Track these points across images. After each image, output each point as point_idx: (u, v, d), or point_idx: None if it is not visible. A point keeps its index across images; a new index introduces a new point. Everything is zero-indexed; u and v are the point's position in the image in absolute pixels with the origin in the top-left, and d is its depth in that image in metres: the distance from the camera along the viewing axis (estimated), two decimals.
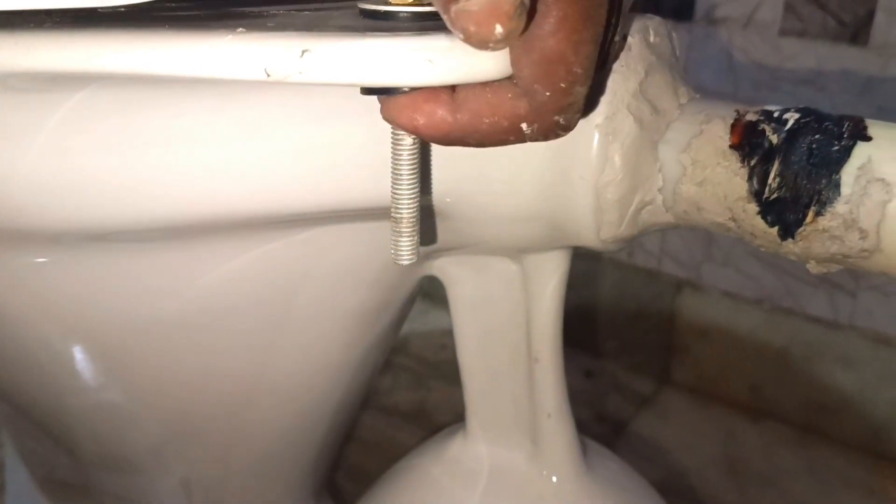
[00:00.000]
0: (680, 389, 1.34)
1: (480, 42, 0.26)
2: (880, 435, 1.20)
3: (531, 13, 0.27)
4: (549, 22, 0.28)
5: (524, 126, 0.30)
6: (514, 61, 0.29)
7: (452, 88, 0.30)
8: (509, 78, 0.30)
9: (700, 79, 1.20)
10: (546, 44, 0.28)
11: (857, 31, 1.08)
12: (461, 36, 0.26)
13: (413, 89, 0.30)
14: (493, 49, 0.27)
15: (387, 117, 0.31)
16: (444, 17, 0.26)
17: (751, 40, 1.16)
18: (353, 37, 0.28)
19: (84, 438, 0.57)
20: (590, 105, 0.37)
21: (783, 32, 1.13)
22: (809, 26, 1.11)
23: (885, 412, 1.20)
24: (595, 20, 0.29)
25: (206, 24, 0.30)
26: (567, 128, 0.31)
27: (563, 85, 0.29)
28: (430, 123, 0.30)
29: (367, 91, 0.31)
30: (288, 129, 0.35)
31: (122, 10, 0.29)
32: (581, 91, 0.30)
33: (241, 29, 0.28)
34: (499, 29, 0.26)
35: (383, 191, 0.36)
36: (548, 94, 0.29)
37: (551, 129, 0.31)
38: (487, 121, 0.30)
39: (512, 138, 0.31)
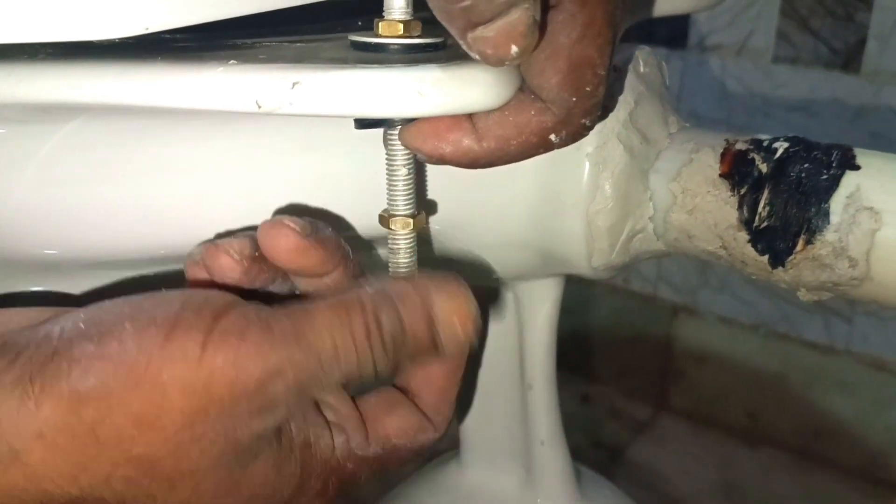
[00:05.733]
0: (676, 415, 1.33)
1: (498, 62, 0.27)
2: (877, 460, 1.20)
3: (547, 22, 0.28)
4: (575, 29, 0.28)
5: (553, 137, 0.31)
6: (538, 72, 0.29)
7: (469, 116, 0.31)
8: (524, 92, 0.30)
9: (693, 106, 1.21)
10: (573, 51, 0.29)
11: (849, 59, 1.09)
12: (478, 58, 0.27)
13: (408, 120, 0.31)
14: (508, 65, 0.28)
15: (410, 144, 0.31)
16: (461, 42, 0.27)
17: (744, 67, 1.17)
18: (344, 68, 0.28)
19: None
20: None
21: (776, 60, 1.14)
22: (802, 54, 1.12)
23: (881, 437, 1.19)
24: (614, 21, 0.30)
25: (199, 57, 0.30)
26: (591, 128, 0.32)
27: (588, 88, 0.30)
28: (457, 151, 0.31)
29: (361, 125, 0.32)
30: (280, 159, 0.36)
31: (116, 41, 0.29)
32: (602, 91, 0.31)
33: (232, 61, 0.29)
34: (514, 49, 0.27)
35: (374, 220, 0.36)
36: (575, 99, 0.30)
37: (579, 133, 0.31)
38: (516, 142, 0.31)
39: (541, 151, 0.31)
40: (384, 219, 0.34)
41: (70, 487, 0.27)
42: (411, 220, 0.34)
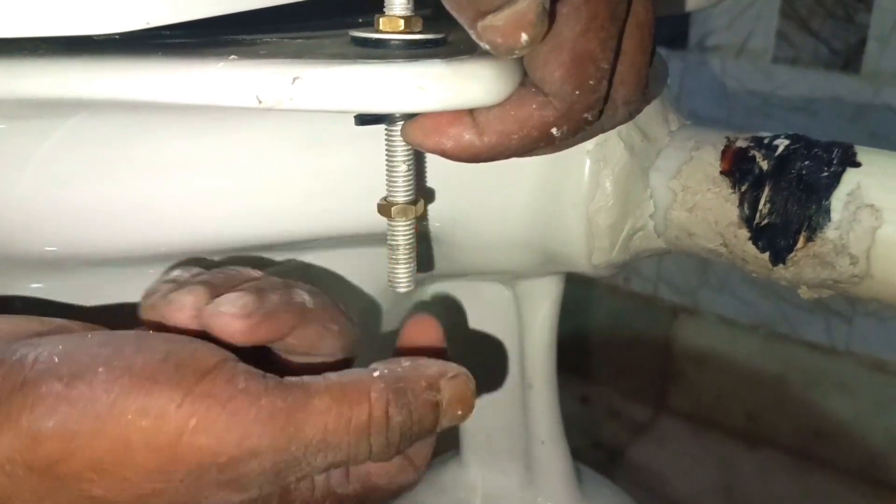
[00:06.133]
0: (676, 416, 1.33)
1: (507, 51, 0.27)
2: (877, 462, 1.20)
3: (552, 15, 0.28)
4: (579, 23, 0.28)
5: (554, 131, 0.31)
6: (541, 65, 0.29)
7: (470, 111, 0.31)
8: (525, 87, 0.30)
9: (693, 106, 1.21)
10: (576, 44, 0.29)
11: (849, 59, 1.09)
12: (487, 47, 0.27)
13: (408, 115, 0.31)
14: (517, 55, 0.28)
15: (411, 140, 0.31)
16: (471, 31, 0.27)
17: (743, 68, 1.17)
18: (344, 64, 0.28)
19: None
20: None
21: (776, 60, 1.14)
22: (802, 54, 1.12)
23: (881, 439, 1.19)
24: (619, 15, 0.30)
25: (199, 52, 0.30)
26: (593, 122, 0.32)
27: (591, 82, 0.30)
28: (458, 146, 0.31)
29: (361, 121, 0.32)
30: (279, 156, 0.36)
31: (116, 37, 0.29)
32: (605, 86, 0.31)
33: (233, 56, 0.29)
34: (524, 37, 0.27)
35: (373, 217, 0.36)
36: (577, 93, 0.30)
37: (580, 127, 0.31)
38: (517, 136, 0.31)
39: (542, 145, 0.31)
40: (383, 207, 0.34)
41: None
42: (410, 210, 0.34)
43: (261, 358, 0.31)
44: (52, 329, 0.30)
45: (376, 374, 0.29)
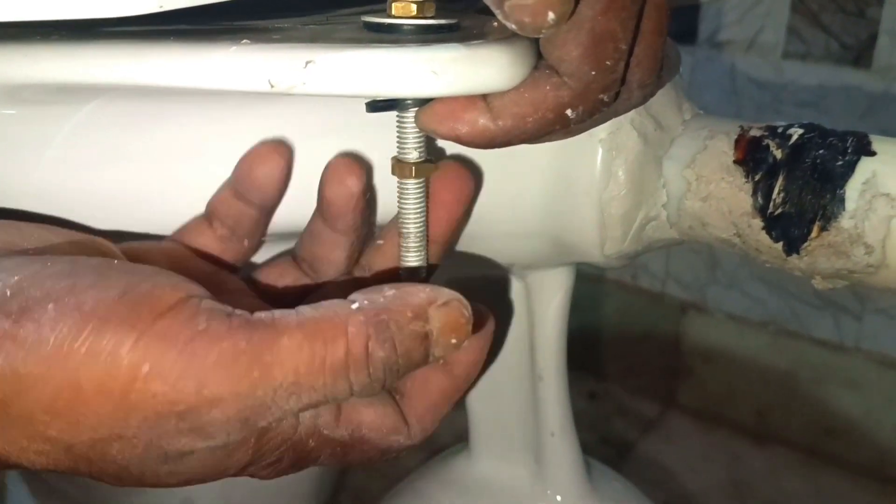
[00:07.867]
0: (685, 412, 1.33)
1: (534, 30, 0.27)
2: (886, 459, 1.19)
3: None
4: (599, 1, 0.28)
5: (569, 112, 0.30)
6: (559, 44, 0.29)
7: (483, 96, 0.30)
8: (539, 69, 0.30)
9: (703, 101, 1.20)
10: (596, 23, 0.28)
11: (860, 54, 1.09)
12: (515, 27, 0.27)
13: (420, 102, 0.31)
14: (544, 35, 0.28)
15: (425, 126, 0.31)
16: (497, 12, 0.27)
17: (754, 63, 1.16)
18: (357, 48, 0.28)
19: None
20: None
21: (786, 55, 1.14)
22: (812, 49, 1.12)
23: (891, 435, 1.19)
24: None
25: (211, 37, 0.30)
26: (608, 104, 0.31)
27: (608, 63, 0.29)
28: (473, 132, 0.30)
29: (373, 108, 0.31)
30: (293, 143, 0.35)
31: (129, 22, 0.29)
32: (622, 67, 0.30)
33: (245, 41, 0.29)
34: (551, 16, 0.26)
35: (387, 207, 0.36)
36: (594, 73, 0.29)
37: (596, 109, 0.31)
38: (532, 119, 0.30)
39: (557, 128, 0.31)
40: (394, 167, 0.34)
41: None
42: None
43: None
44: (30, 248, 0.28)
45: (355, 305, 0.27)
